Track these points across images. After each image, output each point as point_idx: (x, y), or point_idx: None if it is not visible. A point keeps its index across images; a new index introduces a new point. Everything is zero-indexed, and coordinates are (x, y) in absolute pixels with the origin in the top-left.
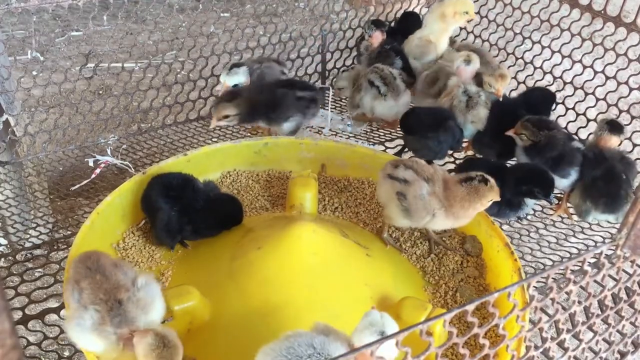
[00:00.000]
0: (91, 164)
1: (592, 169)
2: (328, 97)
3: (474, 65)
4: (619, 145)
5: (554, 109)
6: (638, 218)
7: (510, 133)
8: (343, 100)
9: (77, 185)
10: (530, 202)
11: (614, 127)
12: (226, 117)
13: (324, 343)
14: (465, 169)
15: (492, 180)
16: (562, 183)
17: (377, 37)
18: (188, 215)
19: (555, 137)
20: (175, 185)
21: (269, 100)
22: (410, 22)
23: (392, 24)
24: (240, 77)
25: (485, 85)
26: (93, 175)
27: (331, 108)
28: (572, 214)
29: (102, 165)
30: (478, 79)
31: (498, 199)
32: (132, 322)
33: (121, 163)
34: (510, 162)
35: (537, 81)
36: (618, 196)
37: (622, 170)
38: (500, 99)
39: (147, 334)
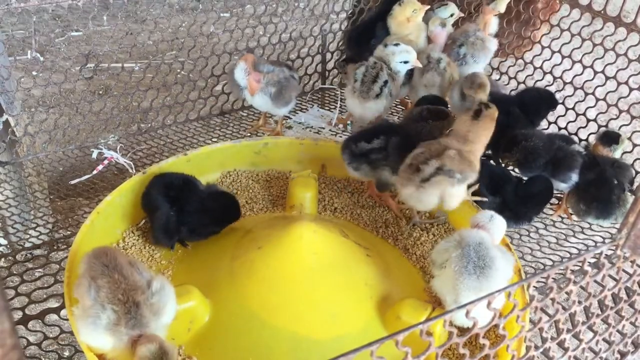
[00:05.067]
0: (94, 156)
1: (585, 173)
2: (331, 96)
3: (448, 27)
4: (620, 156)
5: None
6: (638, 218)
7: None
8: (343, 101)
9: (77, 180)
10: None
11: (604, 139)
12: None
13: None
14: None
15: (489, 104)
16: (561, 186)
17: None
18: (185, 216)
19: (526, 147)
20: (176, 186)
21: None
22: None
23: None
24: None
25: (469, 98)
26: (95, 171)
27: (332, 108)
28: (571, 214)
29: (106, 161)
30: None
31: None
32: (145, 326)
33: (125, 161)
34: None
35: (537, 81)
36: (609, 201)
37: (613, 175)
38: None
39: (153, 341)
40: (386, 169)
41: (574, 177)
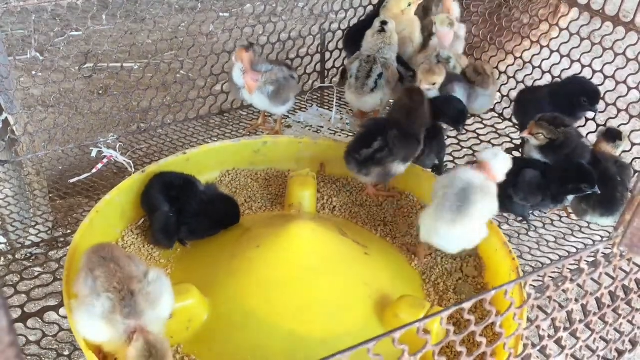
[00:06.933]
0: (94, 154)
1: None
2: (330, 96)
3: (456, 28)
4: (619, 155)
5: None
6: (635, 216)
7: (524, 135)
8: (343, 100)
9: (77, 179)
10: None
11: (608, 135)
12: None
13: None
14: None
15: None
16: None
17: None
18: (185, 217)
19: (571, 135)
20: (175, 186)
21: None
22: None
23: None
24: None
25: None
26: (94, 170)
27: (331, 107)
28: (570, 213)
29: (105, 160)
30: None
31: None
32: (140, 316)
33: (124, 160)
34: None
35: (535, 80)
36: (613, 198)
37: (617, 173)
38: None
39: (141, 337)
40: (396, 160)
41: None
